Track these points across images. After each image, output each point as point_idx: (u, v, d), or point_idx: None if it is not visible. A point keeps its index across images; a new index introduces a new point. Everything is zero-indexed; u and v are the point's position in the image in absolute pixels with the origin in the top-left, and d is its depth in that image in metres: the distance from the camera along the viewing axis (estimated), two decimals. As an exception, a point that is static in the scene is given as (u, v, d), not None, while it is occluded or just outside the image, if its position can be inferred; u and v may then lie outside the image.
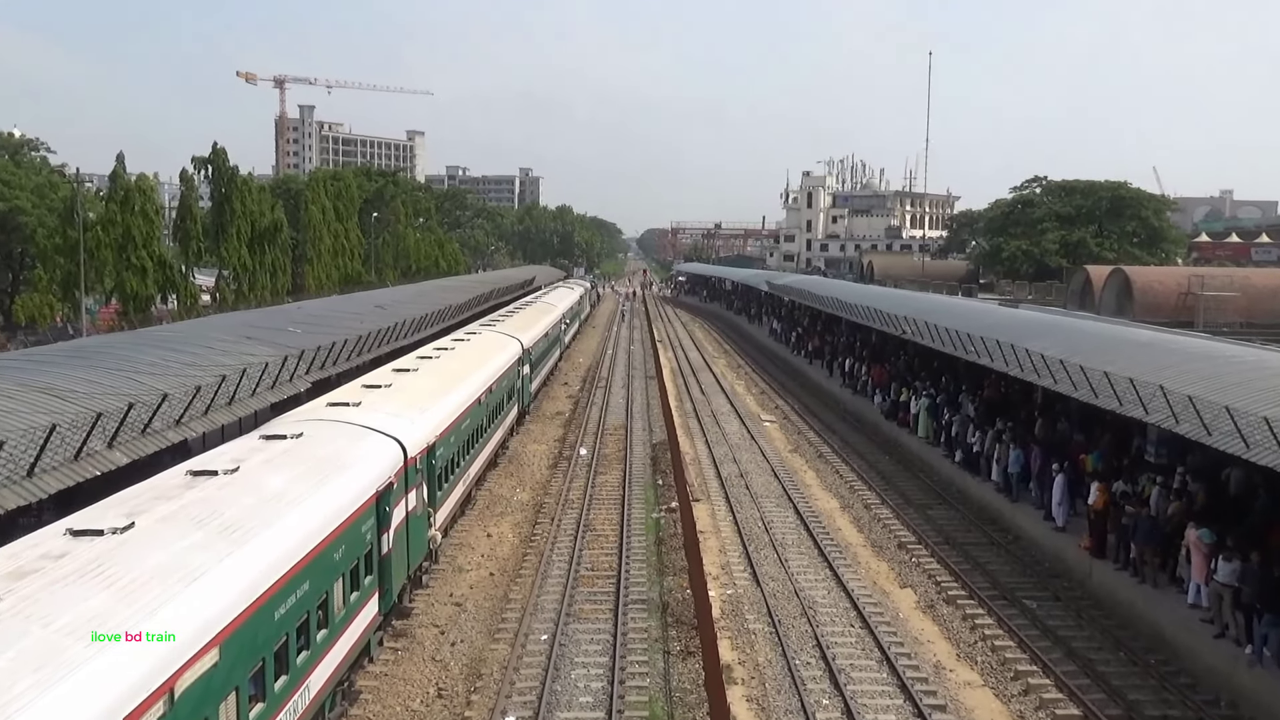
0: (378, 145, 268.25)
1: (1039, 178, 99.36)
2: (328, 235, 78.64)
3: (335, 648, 13.42)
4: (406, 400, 20.29)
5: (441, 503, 20.75)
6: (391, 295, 49.97)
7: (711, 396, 45.79)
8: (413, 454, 17.65)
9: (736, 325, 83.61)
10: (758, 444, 34.96)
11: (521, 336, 36.65)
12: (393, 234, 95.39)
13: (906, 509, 26.49)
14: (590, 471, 30.48)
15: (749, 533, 24.22)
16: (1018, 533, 23.95)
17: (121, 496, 12.18)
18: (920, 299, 46.89)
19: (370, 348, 29.80)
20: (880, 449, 34.19)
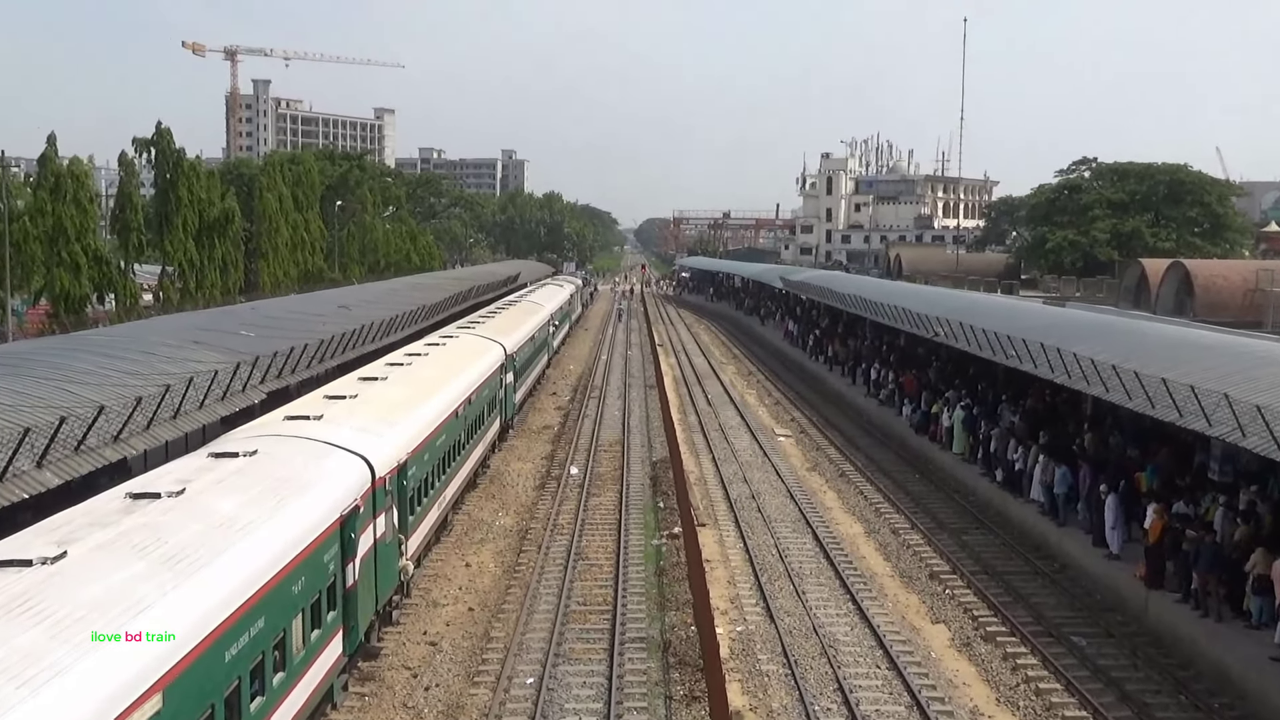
0: (342, 125, 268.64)
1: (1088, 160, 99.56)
2: (285, 226, 78.71)
3: (294, 693, 13.41)
4: (374, 413, 20.29)
5: (414, 528, 20.76)
6: (358, 294, 49.99)
7: (719, 408, 45.83)
8: (381, 473, 17.65)
9: (747, 327, 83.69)
10: (771, 461, 34.98)
11: (504, 340, 36.67)
12: (359, 225, 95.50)
13: (939, 534, 26.50)
14: (582, 493, 30.49)
15: (761, 561, 24.22)
16: (1065, 561, 23.97)
17: (52, 522, 12.18)
18: (954, 297, 46.97)
19: (334, 353, 29.80)
20: (909, 467, 34.22)
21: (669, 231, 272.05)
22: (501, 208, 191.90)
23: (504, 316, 45.50)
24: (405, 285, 59.67)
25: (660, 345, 68.42)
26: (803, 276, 71.14)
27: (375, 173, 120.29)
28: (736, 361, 64.42)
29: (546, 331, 53.48)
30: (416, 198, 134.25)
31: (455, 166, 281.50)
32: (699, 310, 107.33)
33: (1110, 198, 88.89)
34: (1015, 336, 28.44)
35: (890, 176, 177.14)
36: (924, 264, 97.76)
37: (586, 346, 72.05)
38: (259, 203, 77.43)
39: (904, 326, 40.21)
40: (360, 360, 30.95)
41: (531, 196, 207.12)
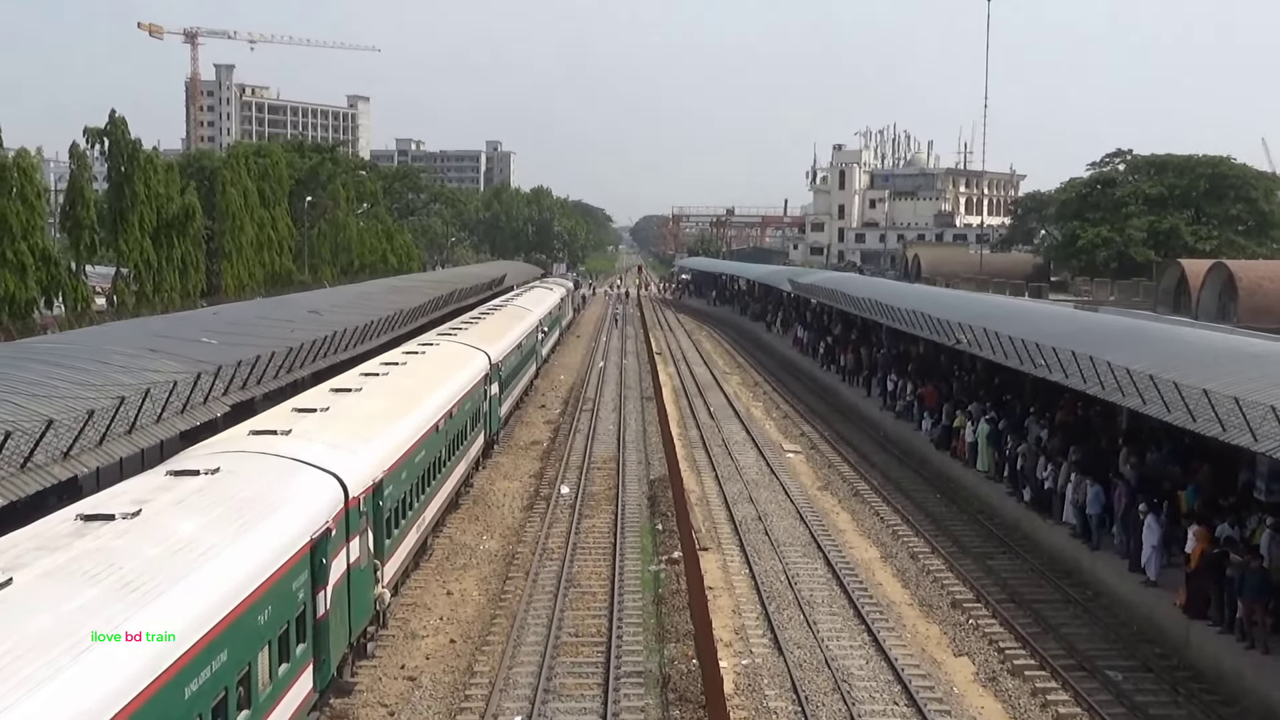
0: (312, 113, 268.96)
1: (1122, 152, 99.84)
2: (250, 224, 78.75)
3: (259, 733, 13.38)
4: (348, 427, 20.28)
5: (391, 553, 20.74)
6: (329, 298, 50.01)
7: (722, 422, 45.86)
8: (355, 493, 17.64)
9: (753, 334, 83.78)
10: (779, 480, 35.00)
11: (489, 348, 36.68)
12: (330, 223, 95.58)
13: (962, 559, 26.51)
14: (574, 514, 30.48)
15: (769, 589, 24.22)
16: (1098, 587, 23.98)
17: (-4, 547, 12.15)
18: (978, 301, 47.03)
19: (303, 362, 29.78)
20: (929, 486, 34.24)
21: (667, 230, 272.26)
22: (486, 204, 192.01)
23: (488, 322, 45.53)
24: (381, 288, 59.69)
25: (658, 353, 68.46)
26: (813, 279, 71.24)
27: (348, 166, 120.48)
28: (741, 371, 64.46)
29: (535, 339, 53.51)
30: (393, 193, 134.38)
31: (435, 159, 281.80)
32: (700, 315, 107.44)
33: (1147, 193, 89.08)
34: (1044, 344, 28.47)
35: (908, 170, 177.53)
36: (945, 265, 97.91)
37: (578, 355, 72.09)
38: (222, 198, 77.46)
39: (923, 333, 40.25)
40: (332, 370, 30.94)
41: (518, 192, 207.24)
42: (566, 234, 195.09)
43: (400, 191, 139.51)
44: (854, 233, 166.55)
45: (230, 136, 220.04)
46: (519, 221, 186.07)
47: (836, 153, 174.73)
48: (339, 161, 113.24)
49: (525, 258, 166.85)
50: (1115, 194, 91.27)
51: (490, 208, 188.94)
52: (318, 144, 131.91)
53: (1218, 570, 20.15)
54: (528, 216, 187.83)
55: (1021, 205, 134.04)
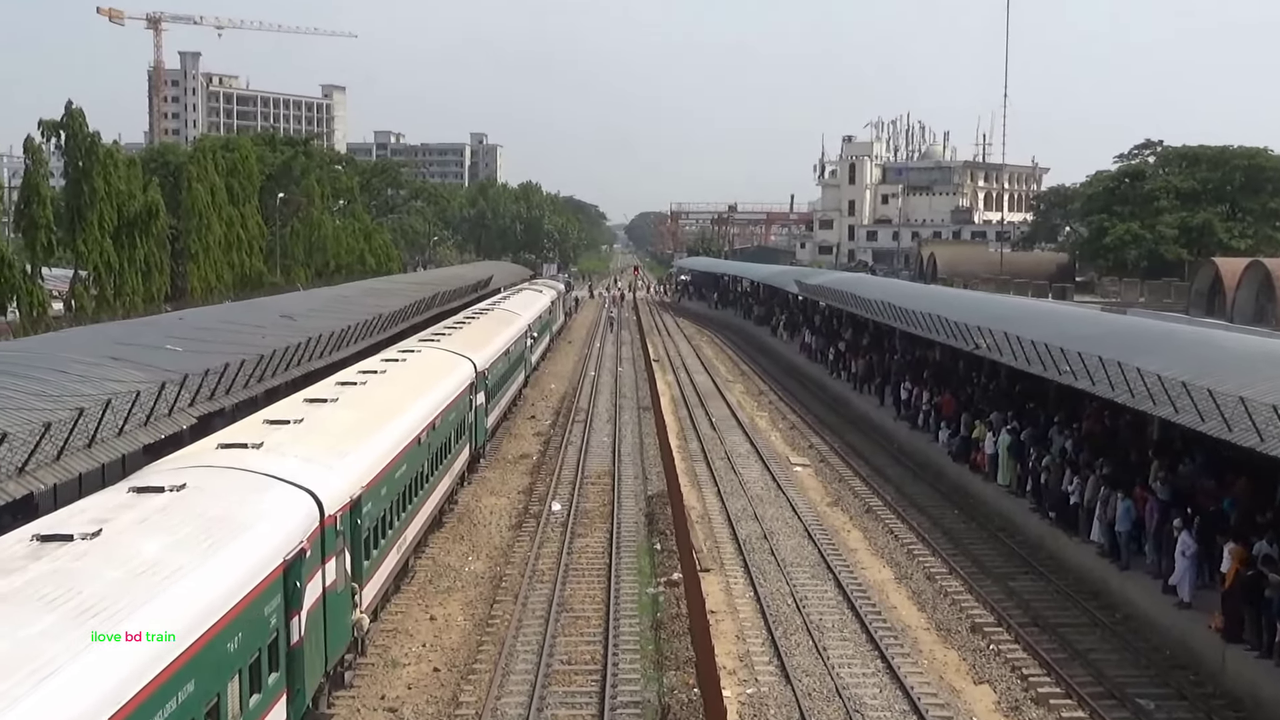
0: (284, 104, 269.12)
1: (1152, 143, 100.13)
2: (218, 223, 78.78)
3: (229, 768, 13.37)
4: (323, 440, 20.28)
5: (370, 575, 20.73)
6: (303, 302, 50.00)
7: (725, 433, 45.88)
8: (331, 511, 17.64)
9: (757, 339, 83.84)
10: (786, 495, 35.01)
11: (474, 356, 36.70)
12: (304, 221, 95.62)
13: (982, 580, 26.52)
14: (566, 533, 30.48)
15: (775, 612, 24.23)
16: (1128, 609, 23.99)
17: (-54, 570, 12.13)
18: (998, 303, 47.09)
19: (275, 371, 29.77)
20: (947, 501, 34.25)
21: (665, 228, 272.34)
22: (470, 200, 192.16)
23: (474, 327, 45.52)
24: (359, 291, 59.68)
25: (656, 360, 68.47)
26: (821, 280, 71.34)
27: (323, 160, 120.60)
28: (745, 379, 64.50)
29: (524, 344, 53.53)
30: (371, 189, 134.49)
31: (417, 153, 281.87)
32: (701, 319, 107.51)
33: (1179, 186, 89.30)
34: (1069, 349, 28.51)
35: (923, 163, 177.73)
36: (962, 264, 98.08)
37: (570, 362, 72.10)
38: (187, 195, 77.49)
39: (940, 338, 40.28)
40: (307, 379, 30.91)
41: (505, 188, 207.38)
42: (557, 232, 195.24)
43: (379, 187, 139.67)
44: (865, 230, 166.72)
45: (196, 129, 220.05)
46: (506, 219, 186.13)
47: (846, 145, 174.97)
48: (313, 155, 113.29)
49: (513, 258, 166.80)
50: (1145, 188, 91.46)
51: (475, 204, 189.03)
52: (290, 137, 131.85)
53: (1255, 591, 20.16)
54: (515, 214, 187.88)
55: (1044, 200, 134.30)
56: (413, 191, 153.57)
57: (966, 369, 42.28)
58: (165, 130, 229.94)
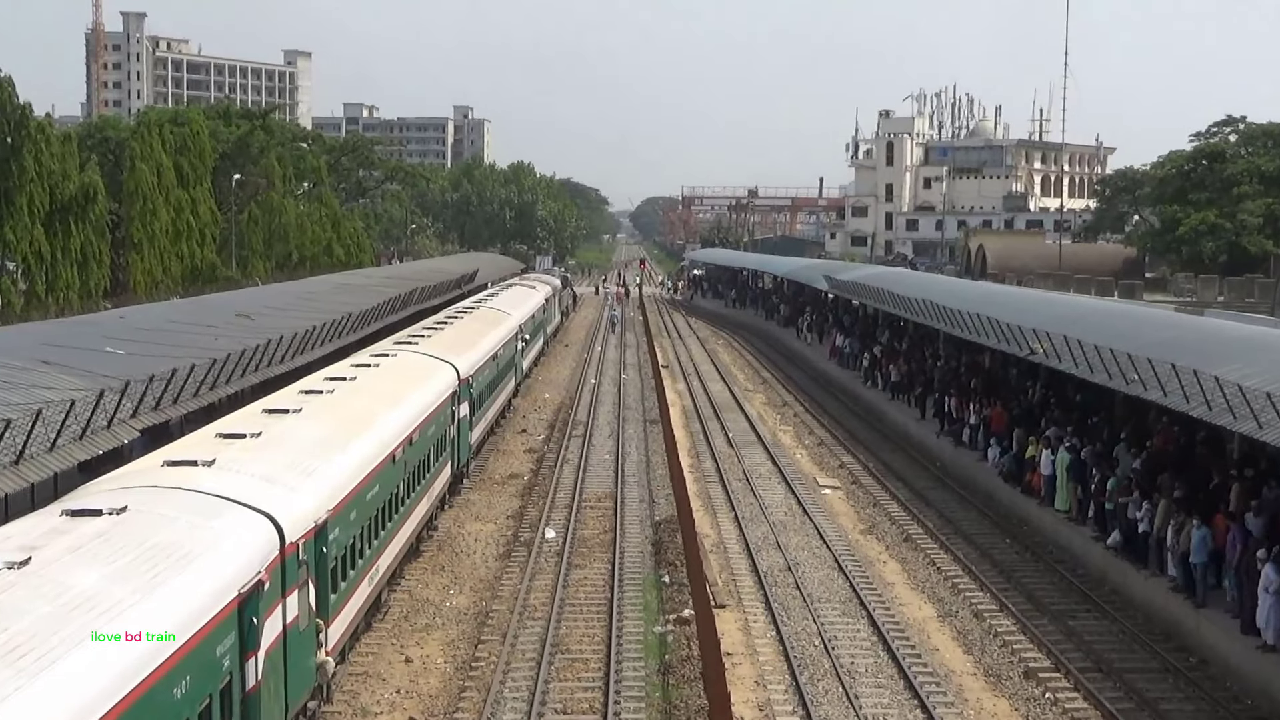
0: (241, 72, 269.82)
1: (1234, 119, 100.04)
2: (165, 208, 78.93)
3: (175, 832, 13.37)
4: (285, 457, 20.30)
5: (337, 610, 20.74)
6: (262, 299, 50.07)
7: (744, 450, 45.86)
8: (294, 537, 17.65)
9: (781, 343, 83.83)
10: (813, 521, 34.98)
11: (457, 361, 36.71)
12: (263, 206, 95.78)
13: (1037, 618, 26.48)
14: (561, 564, 30.48)
15: (801, 655, 24.20)
16: (1205, 653, 23.94)
17: None
18: (1056, 303, 47.04)
19: (230, 377, 29.80)
20: (997, 528, 34.21)
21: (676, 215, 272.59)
22: (454, 183, 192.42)
23: (457, 329, 45.55)
24: (326, 287, 59.73)
25: (665, 366, 68.46)
26: (855, 275, 71.27)
27: (286, 136, 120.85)
28: (767, 388, 64.47)
29: (514, 348, 53.54)
30: (341, 169, 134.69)
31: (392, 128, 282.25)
32: (716, 319, 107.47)
33: (1264, 169, 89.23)
34: (1138, 355, 28.47)
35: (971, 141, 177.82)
36: (1016, 258, 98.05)
37: (567, 368, 72.10)
38: (130, 176, 77.69)
39: (990, 342, 40.22)
40: (266, 387, 30.93)
41: (493, 169, 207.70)
42: (552, 220, 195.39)
43: (349, 168, 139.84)
44: (905, 218, 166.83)
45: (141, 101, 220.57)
46: (494, 205, 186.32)
47: (883, 121, 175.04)
48: (274, 131, 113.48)
49: (502, 249, 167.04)
50: (1225, 171, 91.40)
51: (459, 188, 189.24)
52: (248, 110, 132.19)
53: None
54: (505, 199, 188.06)
55: (1110, 185, 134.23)
56: (387, 172, 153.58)
57: (1020, 378, 42.21)
58: (105, 102, 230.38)
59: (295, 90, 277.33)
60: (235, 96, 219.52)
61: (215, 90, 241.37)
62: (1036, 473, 34.28)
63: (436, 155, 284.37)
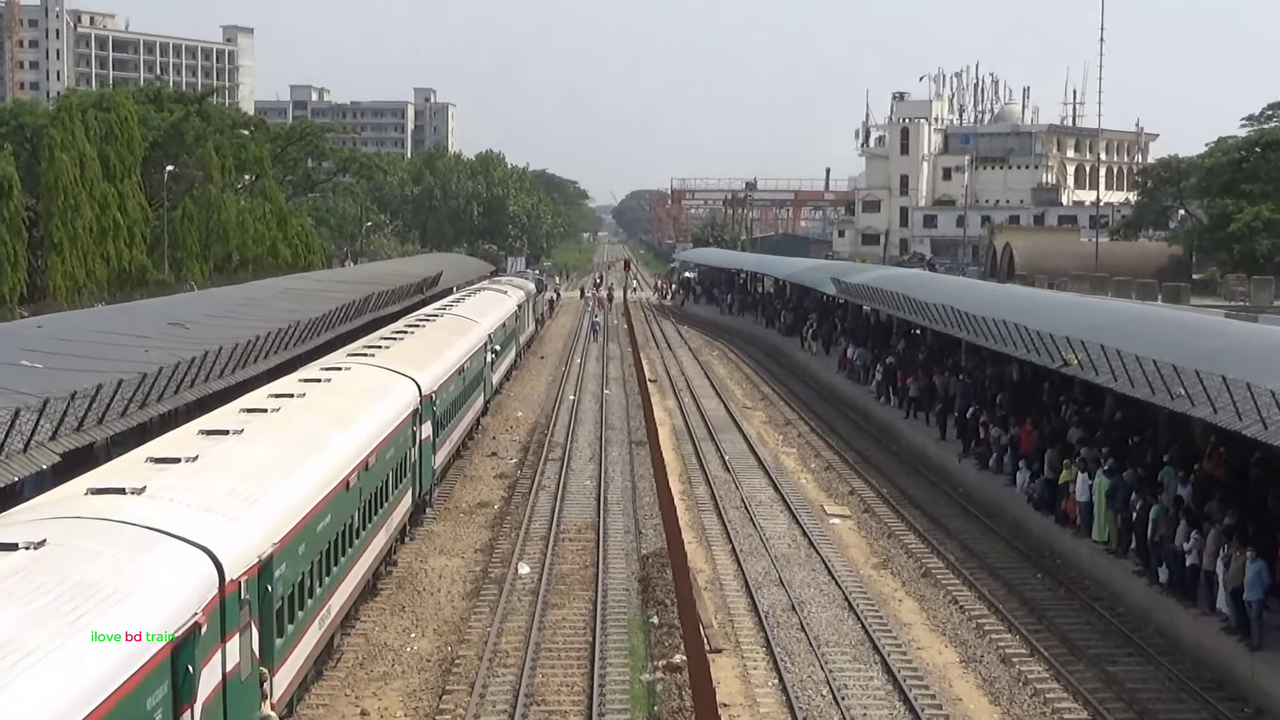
0: (175, 51, 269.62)
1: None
2: (89, 204, 78.81)
3: None
4: (224, 483, 20.25)
5: (284, 657, 20.68)
6: (198, 305, 49.95)
7: (742, 475, 45.86)
8: (234, 575, 17.60)
9: (783, 354, 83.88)
10: (820, 554, 34.98)
11: (418, 375, 36.68)
12: (200, 201, 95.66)
13: (1072, 663, 26.49)
14: (537, 603, 30.44)
15: (806, 706, 24.19)
16: (1262, 702, 23.97)
17: None
18: (1092, 309, 47.09)
19: (162, 394, 29.71)
20: (1027, 561, 34.24)
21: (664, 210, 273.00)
22: (414, 175, 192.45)
23: (418, 339, 45.51)
24: (271, 292, 59.61)
25: (653, 380, 68.45)
26: (866, 277, 71.40)
27: (225, 123, 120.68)
28: (767, 405, 64.49)
29: (483, 360, 53.53)
30: (287, 160, 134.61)
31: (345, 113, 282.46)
32: (711, 328, 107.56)
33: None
34: (1184, 366, 28.52)
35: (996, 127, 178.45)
36: (1047, 258, 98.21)
37: (543, 383, 72.08)
38: (49, 169, 77.57)
39: (1018, 352, 40.26)
40: (203, 405, 30.84)
41: (459, 159, 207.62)
42: (525, 216, 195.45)
43: (297, 158, 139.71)
44: (922, 214, 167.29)
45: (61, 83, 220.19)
46: (460, 199, 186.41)
47: (897, 104, 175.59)
48: (211, 117, 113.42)
49: (469, 249, 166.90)
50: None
51: (420, 181, 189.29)
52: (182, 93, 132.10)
53: None
54: (472, 193, 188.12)
55: (1152, 175, 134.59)
56: (340, 163, 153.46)
57: (1052, 393, 42.27)
58: (20, 84, 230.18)
59: (235, 71, 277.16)
60: (168, 78, 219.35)
61: (145, 71, 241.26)
62: (1071, 499, 34.31)
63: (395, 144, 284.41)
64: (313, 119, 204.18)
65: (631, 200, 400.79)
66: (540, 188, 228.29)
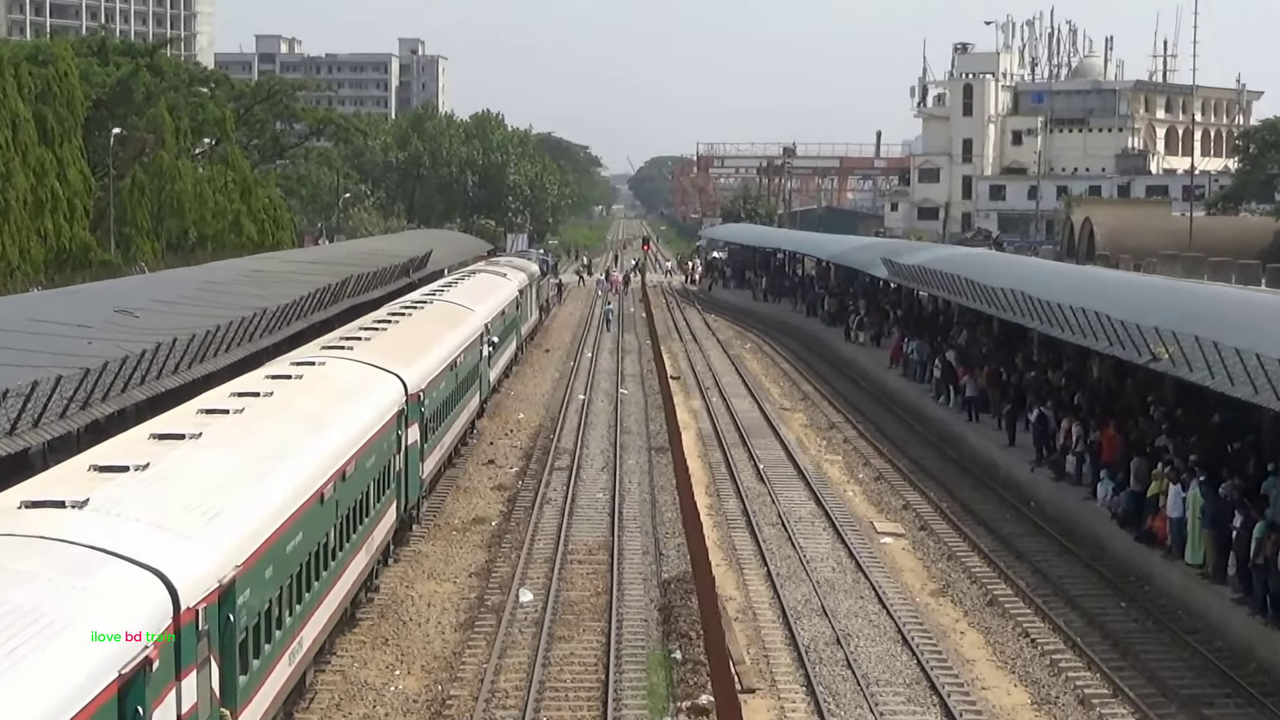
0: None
1: None
2: (24, 173, 78.86)
3: None
4: (179, 496, 20.25)
5: (249, 697, 20.69)
6: (150, 290, 50.01)
7: (780, 487, 45.81)
8: (191, 602, 17.60)
9: (827, 346, 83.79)
10: (869, 579, 34.94)
11: (404, 371, 36.69)
12: (151, 170, 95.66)
13: (1162, 706, 26.45)
14: (541, 635, 30.44)
15: (853, 755, 24.16)
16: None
17: None
18: (1186, 294, 46.98)
19: (108, 393, 29.75)
20: (1109, 588, 34.17)
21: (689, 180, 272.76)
22: (399, 139, 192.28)
23: (403, 329, 45.53)
24: (233, 274, 59.68)
25: (676, 377, 68.40)
26: (923, 258, 71.23)
27: (181, 79, 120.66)
28: (808, 406, 64.43)
29: (478, 354, 53.53)
30: (252, 122, 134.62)
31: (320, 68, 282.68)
32: (742, 316, 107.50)
33: None
34: (1293, 361, 28.43)
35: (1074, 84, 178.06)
36: (1133, 235, 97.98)
37: (548, 380, 72.10)
38: (-23, 131, 77.56)
39: (1099, 345, 40.16)
40: (155, 405, 30.89)
41: (451, 120, 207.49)
42: (528, 187, 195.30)
43: (263, 119, 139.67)
44: (987, 184, 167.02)
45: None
46: (452, 167, 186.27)
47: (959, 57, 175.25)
48: (164, 72, 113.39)
49: (463, 225, 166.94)
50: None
51: (406, 145, 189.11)
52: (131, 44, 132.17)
53: None
54: (466, 159, 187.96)
55: (1255, 140, 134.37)
56: (313, 125, 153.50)
57: (1139, 392, 42.16)
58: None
59: (193, 19, 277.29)
60: (114, 27, 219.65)
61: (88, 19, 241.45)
62: (1161, 515, 34.21)
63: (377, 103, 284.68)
64: (282, 74, 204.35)
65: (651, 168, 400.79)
66: (545, 154, 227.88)
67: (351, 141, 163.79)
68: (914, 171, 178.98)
